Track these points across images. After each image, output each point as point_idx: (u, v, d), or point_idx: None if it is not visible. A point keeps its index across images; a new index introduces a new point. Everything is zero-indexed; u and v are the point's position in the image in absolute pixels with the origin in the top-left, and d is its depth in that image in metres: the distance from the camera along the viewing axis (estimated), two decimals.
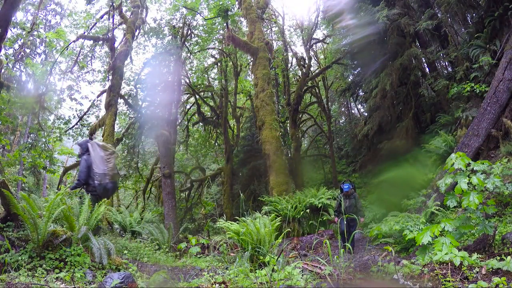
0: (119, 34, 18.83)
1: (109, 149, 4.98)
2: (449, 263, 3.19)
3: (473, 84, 8.91)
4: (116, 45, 14.09)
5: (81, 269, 3.77)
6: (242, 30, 17.83)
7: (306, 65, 19.34)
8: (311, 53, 20.66)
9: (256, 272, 3.42)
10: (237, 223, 5.60)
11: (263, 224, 5.30)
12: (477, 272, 3.07)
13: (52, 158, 13.39)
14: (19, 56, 16.08)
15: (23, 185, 17.32)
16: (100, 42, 14.97)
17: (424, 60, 12.45)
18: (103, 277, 3.80)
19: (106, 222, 9.10)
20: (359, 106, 22.35)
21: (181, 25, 15.08)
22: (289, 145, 18.12)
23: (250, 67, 15.43)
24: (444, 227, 3.70)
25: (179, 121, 18.14)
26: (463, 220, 3.89)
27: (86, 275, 3.73)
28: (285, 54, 20.05)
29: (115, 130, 13.43)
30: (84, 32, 14.78)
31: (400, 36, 11.21)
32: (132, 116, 16.88)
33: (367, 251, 6.34)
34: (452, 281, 2.92)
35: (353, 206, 6.90)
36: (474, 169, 3.85)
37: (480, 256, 3.49)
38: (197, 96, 18.00)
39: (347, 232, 6.48)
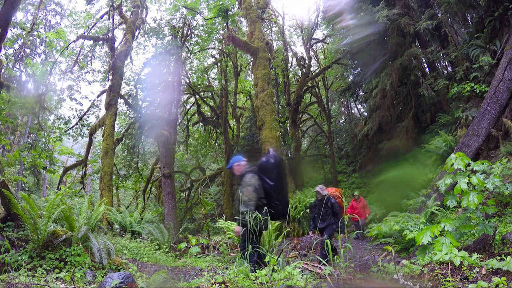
0: (119, 34, 18.90)
1: None
2: (449, 263, 3.19)
3: (473, 84, 8.91)
4: (116, 45, 14.11)
5: (81, 269, 3.77)
6: (242, 30, 17.82)
7: (306, 65, 19.35)
8: (311, 53, 20.67)
9: (256, 272, 3.41)
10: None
11: None
12: (477, 272, 3.07)
13: (52, 158, 13.41)
14: (19, 56, 16.10)
15: (23, 185, 17.34)
16: (100, 42, 14.99)
17: (424, 60, 12.46)
18: (103, 277, 3.80)
19: (106, 222, 9.10)
20: (359, 106, 22.36)
21: (181, 25, 15.08)
22: (289, 145, 18.12)
23: (250, 67, 15.43)
24: (444, 227, 3.69)
25: (179, 121, 18.13)
26: (463, 220, 3.89)
27: (86, 275, 3.73)
28: (285, 54, 20.05)
29: (115, 130, 13.44)
30: (84, 32, 14.79)
31: (400, 36, 11.22)
32: (132, 116, 16.89)
33: (367, 251, 6.34)
34: (452, 281, 2.92)
35: (238, 200, 4.00)
36: (474, 169, 3.84)
37: (480, 256, 3.48)
38: (197, 96, 18.00)
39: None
